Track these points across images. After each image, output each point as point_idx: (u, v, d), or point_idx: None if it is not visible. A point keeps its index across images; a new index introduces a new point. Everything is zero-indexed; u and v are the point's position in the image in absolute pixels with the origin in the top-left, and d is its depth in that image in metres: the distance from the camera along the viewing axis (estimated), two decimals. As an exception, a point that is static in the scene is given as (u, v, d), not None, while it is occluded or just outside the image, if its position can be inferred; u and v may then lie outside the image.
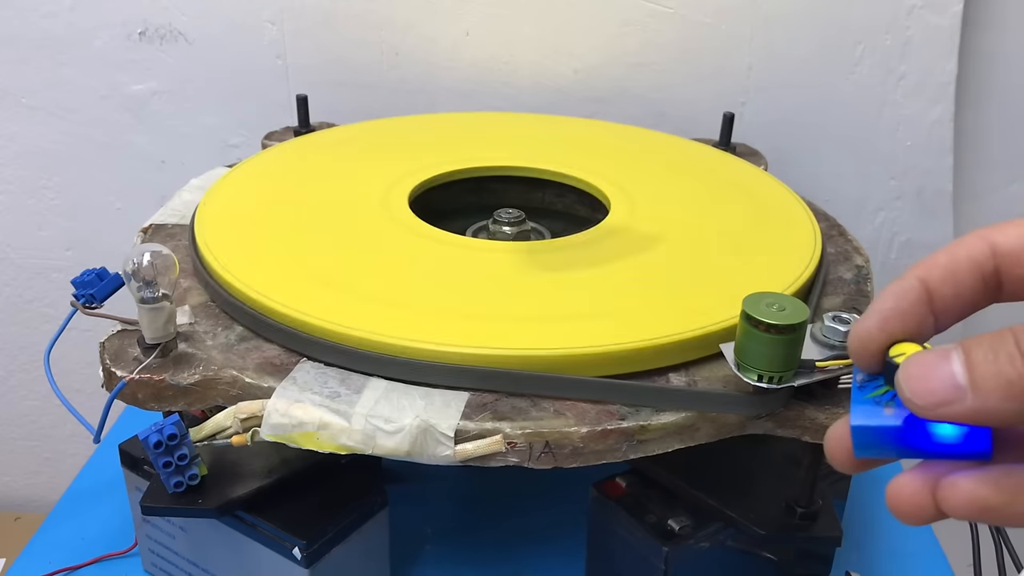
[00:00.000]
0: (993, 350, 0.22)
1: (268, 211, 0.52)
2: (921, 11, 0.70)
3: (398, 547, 0.48)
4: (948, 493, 0.23)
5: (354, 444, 0.37)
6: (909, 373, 0.23)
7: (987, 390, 0.22)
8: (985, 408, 0.22)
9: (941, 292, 0.25)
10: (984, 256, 0.25)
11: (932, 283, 0.25)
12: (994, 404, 0.22)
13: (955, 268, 0.25)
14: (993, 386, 0.21)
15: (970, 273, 0.25)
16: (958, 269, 0.25)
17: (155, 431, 0.38)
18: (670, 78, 0.74)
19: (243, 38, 0.75)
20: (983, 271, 0.25)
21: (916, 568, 0.52)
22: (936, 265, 0.26)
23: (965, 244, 0.26)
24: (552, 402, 0.38)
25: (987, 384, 0.22)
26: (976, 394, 0.22)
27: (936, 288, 0.25)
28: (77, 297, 0.42)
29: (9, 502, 1.01)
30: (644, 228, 0.51)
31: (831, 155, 0.76)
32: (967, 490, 0.23)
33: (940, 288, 0.25)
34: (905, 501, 0.24)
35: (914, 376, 0.23)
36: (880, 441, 0.24)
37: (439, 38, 0.74)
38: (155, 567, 0.48)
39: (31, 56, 0.77)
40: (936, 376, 0.22)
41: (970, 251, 0.25)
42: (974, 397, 0.22)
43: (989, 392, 0.22)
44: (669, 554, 0.41)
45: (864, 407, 0.25)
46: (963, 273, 0.25)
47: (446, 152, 0.61)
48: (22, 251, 0.86)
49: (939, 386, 0.22)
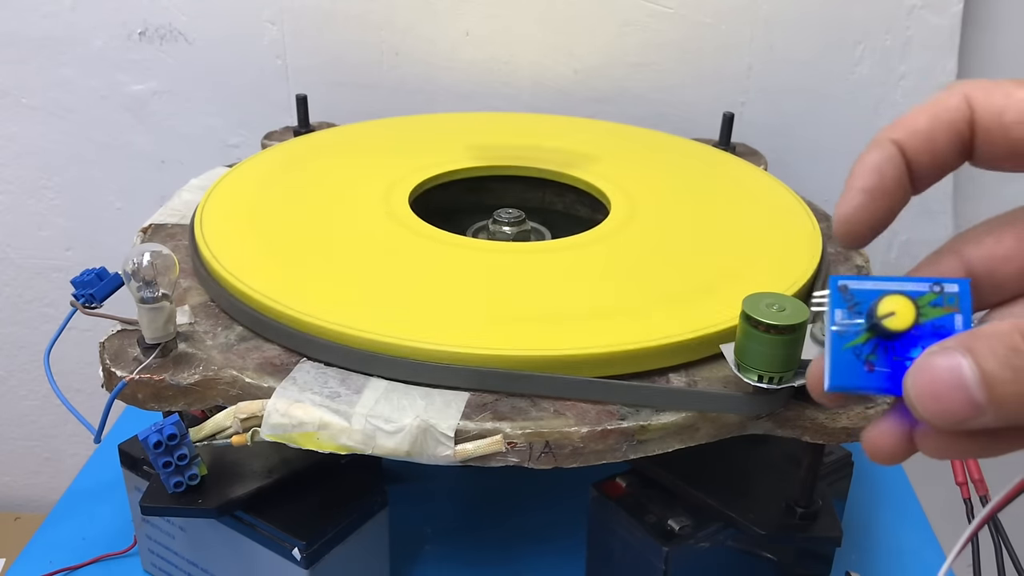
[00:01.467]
0: (1012, 366, 0.20)
1: (268, 211, 0.52)
2: (921, 11, 0.70)
3: (398, 547, 0.48)
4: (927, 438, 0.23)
5: (354, 444, 0.37)
6: (921, 391, 0.21)
7: (1008, 410, 0.20)
8: (1004, 422, 0.21)
9: (919, 159, 0.24)
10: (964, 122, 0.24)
11: (911, 150, 0.24)
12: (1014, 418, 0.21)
13: (935, 135, 0.24)
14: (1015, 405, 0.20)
15: (949, 140, 0.24)
16: (938, 136, 0.24)
17: (155, 431, 0.38)
18: (670, 78, 0.74)
19: (243, 38, 0.75)
20: (962, 137, 0.24)
21: (916, 568, 0.52)
22: (915, 131, 0.24)
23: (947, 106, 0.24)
24: (552, 402, 0.38)
25: (1008, 404, 0.20)
26: (997, 412, 0.21)
27: (914, 156, 0.24)
28: (77, 297, 0.42)
29: (9, 502, 1.01)
30: (644, 228, 0.51)
31: (831, 155, 0.76)
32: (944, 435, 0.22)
33: (918, 155, 0.24)
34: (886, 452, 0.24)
35: (927, 396, 0.21)
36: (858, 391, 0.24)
37: (439, 38, 0.74)
38: (155, 567, 0.48)
39: (31, 56, 0.77)
40: (952, 395, 0.21)
41: (952, 116, 0.24)
42: (994, 415, 0.21)
43: (1010, 411, 0.21)
44: (669, 554, 0.41)
45: (842, 361, 0.23)
46: (942, 140, 0.24)
47: (446, 152, 0.61)
48: (22, 251, 0.86)
49: (957, 408, 0.21)
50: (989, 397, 0.20)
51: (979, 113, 0.23)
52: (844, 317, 0.24)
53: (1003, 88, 0.23)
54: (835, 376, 0.23)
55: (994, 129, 0.23)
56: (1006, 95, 0.23)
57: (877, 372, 0.23)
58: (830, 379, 0.24)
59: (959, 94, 0.24)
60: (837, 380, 0.23)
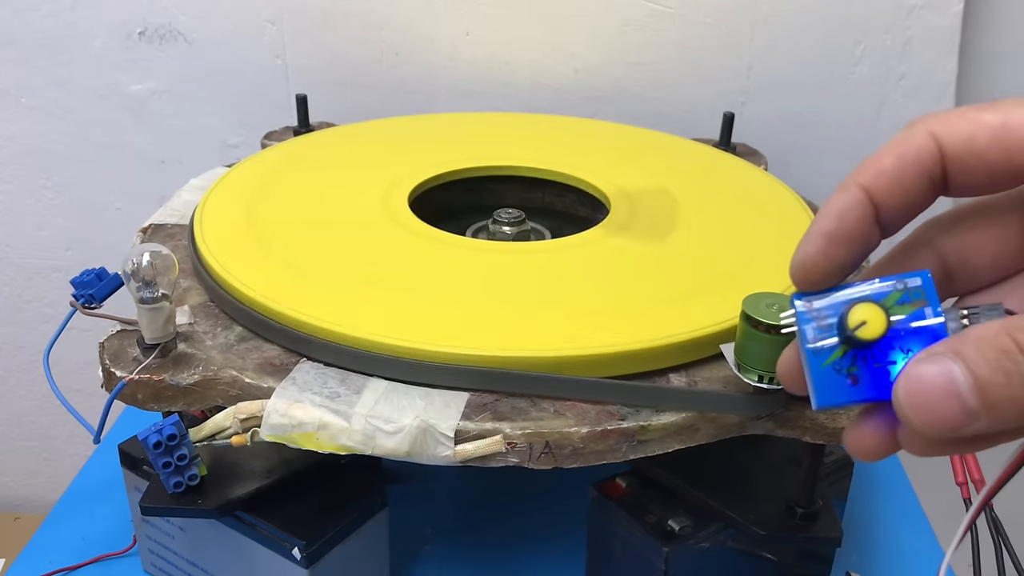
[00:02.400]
0: (1004, 371, 0.20)
1: (268, 211, 0.52)
2: (921, 11, 0.70)
3: (398, 547, 0.48)
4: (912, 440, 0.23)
5: (354, 444, 0.37)
6: (914, 402, 0.21)
7: (1001, 415, 0.20)
8: (997, 428, 0.21)
9: (888, 203, 0.24)
10: (932, 158, 0.23)
11: (878, 194, 0.23)
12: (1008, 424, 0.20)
13: (902, 175, 0.23)
14: (1008, 410, 0.20)
15: (917, 179, 0.23)
16: (905, 176, 0.23)
17: (154, 431, 0.38)
18: (670, 78, 0.74)
19: (243, 38, 0.75)
20: (931, 175, 0.23)
21: (916, 568, 0.52)
22: (881, 172, 0.23)
23: (912, 145, 0.23)
24: (552, 402, 0.38)
25: (1002, 410, 0.20)
26: (990, 418, 0.20)
27: (883, 199, 0.23)
28: (76, 297, 0.42)
29: (9, 502, 1.01)
30: (644, 228, 0.51)
31: (831, 155, 0.76)
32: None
33: (887, 199, 0.23)
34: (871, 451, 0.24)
35: (919, 405, 0.21)
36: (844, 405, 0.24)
37: (439, 38, 0.74)
38: (154, 567, 0.48)
39: (31, 56, 0.77)
40: (943, 403, 0.21)
41: (918, 154, 0.23)
42: (988, 420, 0.20)
43: (1003, 417, 0.20)
44: (669, 554, 0.41)
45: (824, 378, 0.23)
46: (910, 179, 0.23)
47: (446, 152, 0.61)
48: (22, 251, 0.86)
49: (950, 416, 0.21)
50: (983, 403, 0.20)
51: (948, 145, 0.23)
52: (816, 334, 0.24)
53: (965, 116, 0.23)
54: (821, 396, 0.23)
55: (967, 157, 0.23)
56: (971, 121, 0.23)
57: (861, 384, 0.23)
58: (816, 399, 0.23)
59: (922, 131, 0.23)
60: (823, 400, 0.23)
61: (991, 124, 0.23)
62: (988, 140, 0.23)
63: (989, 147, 0.23)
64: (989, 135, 0.23)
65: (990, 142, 0.23)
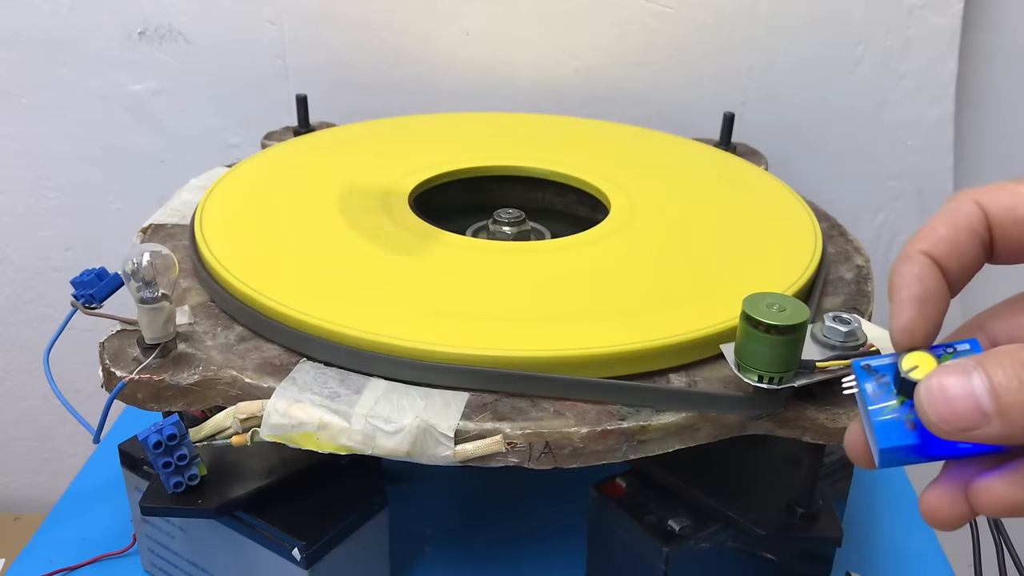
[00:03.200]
0: (1018, 377, 0.22)
1: (268, 211, 0.52)
2: (921, 11, 0.70)
3: (398, 547, 0.48)
4: (983, 498, 0.24)
5: (354, 444, 0.37)
6: (933, 397, 0.23)
7: (1012, 419, 0.21)
8: (1010, 434, 0.22)
9: (949, 266, 0.26)
10: (981, 224, 0.25)
11: (940, 258, 0.25)
12: (1019, 431, 0.22)
13: (957, 240, 0.25)
14: (1019, 415, 0.21)
15: (971, 242, 0.25)
16: (960, 240, 0.25)
17: (155, 431, 0.38)
18: (670, 78, 0.74)
19: (243, 38, 0.75)
20: (982, 238, 0.25)
21: (916, 568, 0.52)
22: (939, 239, 0.26)
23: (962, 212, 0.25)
24: (552, 402, 0.38)
25: (1013, 413, 0.21)
26: (1002, 422, 0.22)
27: (944, 262, 0.26)
28: (77, 297, 0.42)
29: (9, 502, 1.01)
30: (644, 228, 0.51)
31: (831, 155, 0.76)
32: (1000, 494, 0.23)
33: (947, 262, 0.26)
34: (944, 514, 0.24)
35: (938, 401, 0.22)
36: (905, 456, 0.25)
37: (439, 38, 0.74)
38: (154, 567, 0.48)
39: (31, 56, 0.77)
40: (960, 402, 0.22)
41: (968, 220, 0.25)
42: (999, 424, 0.22)
43: (1014, 421, 0.21)
44: (669, 554, 0.41)
45: (885, 425, 0.25)
46: (965, 244, 0.25)
47: (446, 152, 0.60)
48: (22, 251, 0.86)
49: (964, 412, 0.22)
50: (996, 406, 0.22)
51: (993, 213, 0.25)
52: (875, 389, 0.26)
53: (1005, 188, 0.25)
54: (883, 440, 0.25)
55: (1009, 225, 0.25)
56: (1011, 193, 0.25)
57: (920, 429, 0.24)
58: (879, 443, 0.25)
59: (968, 200, 0.26)
60: (885, 442, 0.25)
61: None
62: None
63: None
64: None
65: None
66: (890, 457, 0.25)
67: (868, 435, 0.26)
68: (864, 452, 0.26)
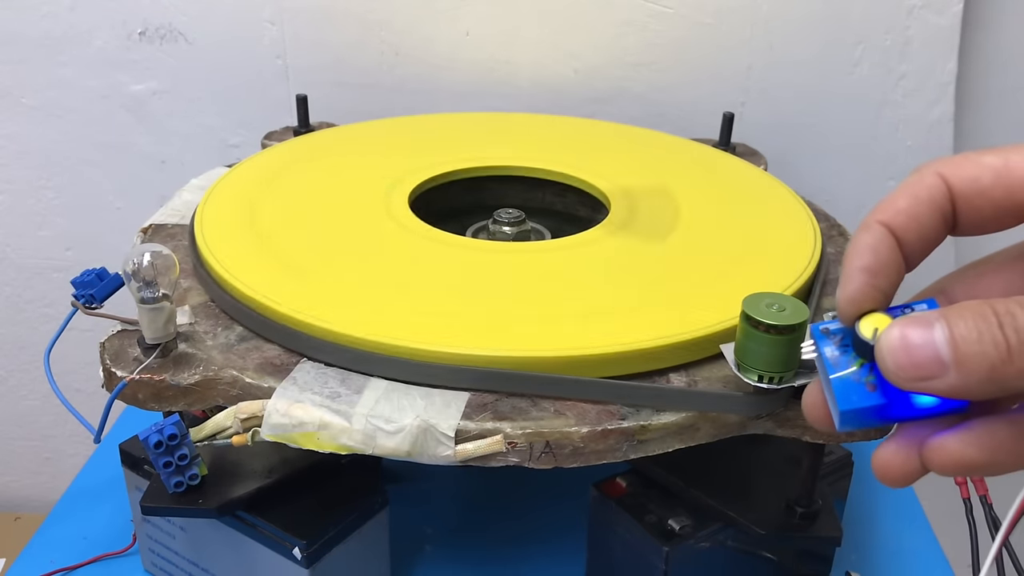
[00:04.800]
0: (978, 329, 0.22)
1: (268, 211, 0.52)
2: (921, 11, 0.70)
3: (398, 547, 0.48)
4: (936, 455, 0.24)
5: (354, 444, 0.37)
6: (892, 345, 0.23)
7: (969, 369, 0.22)
8: (966, 386, 0.22)
9: (907, 237, 0.26)
10: (943, 196, 0.25)
11: (898, 229, 0.25)
12: (975, 383, 0.22)
13: (917, 212, 0.25)
14: (976, 366, 0.22)
15: (931, 215, 0.25)
16: (920, 212, 0.25)
17: (155, 431, 0.38)
18: (670, 78, 0.74)
19: (243, 38, 0.75)
20: (943, 211, 0.25)
21: (916, 568, 0.52)
22: (899, 211, 0.26)
23: (924, 184, 0.25)
24: (552, 402, 0.38)
25: (970, 364, 0.22)
26: (959, 372, 0.22)
27: (902, 235, 0.26)
28: (77, 297, 0.42)
29: (9, 502, 1.01)
30: (644, 228, 0.51)
31: (831, 155, 0.76)
32: (954, 452, 0.23)
33: (905, 234, 0.26)
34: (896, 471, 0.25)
35: (897, 349, 0.23)
36: (865, 417, 0.25)
37: (439, 38, 0.74)
38: (155, 567, 0.48)
39: (31, 56, 0.77)
40: (919, 350, 0.22)
41: (930, 192, 0.25)
42: (956, 374, 0.22)
43: (971, 372, 0.22)
44: (669, 554, 0.41)
45: (845, 387, 0.25)
46: (925, 216, 0.25)
47: (446, 152, 0.61)
48: (22, 251, 0.86)
49: (922, 360, 0.22)
50: (955, 356, 0.22)
51: (956, 185, 0.25)
52: (833, 351, 0.26)
53: (969, 159, 0.25)
54: (843, 402, 0.25)
55: (974, 196, 0.25)
56: (974, 163, 0.25)
57: (880, 390, 0.24)
58: (840, 405, 0.25)
59: (931, 172, 0.26)
60: (845, 404, 0.25)
61: (993, 165, 0.25)
62: (991, 179, 0.25)
63: (993, 186, 0.25)
64: (992, 175, 0.25)
65: (993, 181, 0.25)
66: (850, 419, 0.25)
67: (828, 398, 0.26)
68: (822, 413, 0.26)
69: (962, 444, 0.23)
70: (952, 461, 0.23)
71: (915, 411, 0.24)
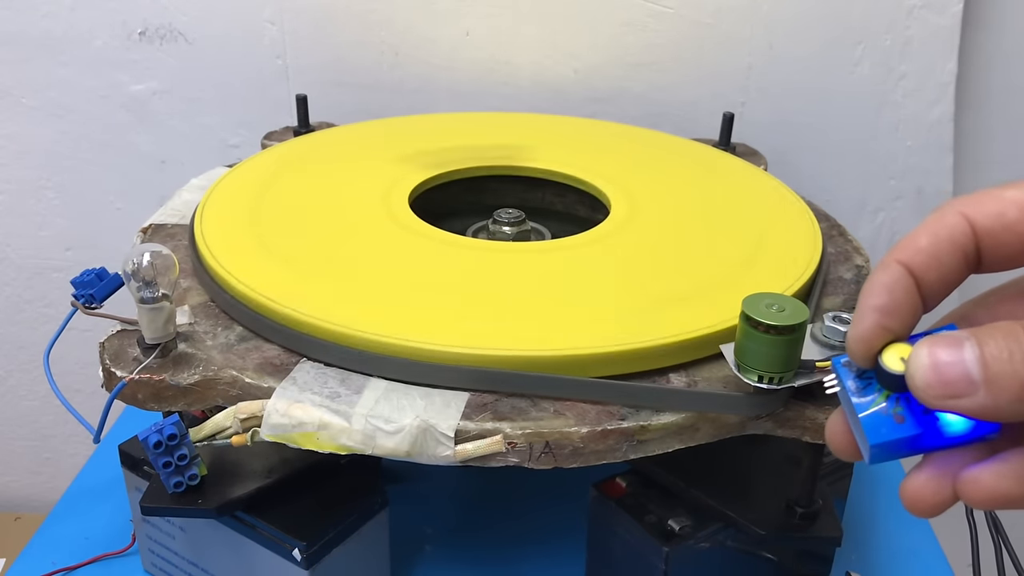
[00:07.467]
0: (1008, 348, 0.21)
1: (268, 211, 0.52)
2: (921, 11, 0.70)
3: (398, 547, 0.48)
4: (970, 488, 0.23)
5: (354, 444, 0.37)
6: (922, 363, 0.23)
7: (1000, 388, 0.21)
8: (996, 405, 0.22)
9: (926, 277, 0.25)
10: (965, 236, 0.25)
11: (917, 269, 0.25)
12: (1005, 403, 0.22)
13: (938, 251, 0.25)
14: (1006, 385, 0.21)
15: (952, 254, 0.25)
16: (940, 252, 0.25)
17: (155, 431, 0.38)
18: (670, 78, 0.74)
19: (243, 38, 0.75)
20: (964, 251, 0.25)
21: (916, 568, 0.52)
22: (919, 250, 0.25)
23: (945, 224, 0.25)
24: (552, 402, 0.38)
25: (1000, 383, 0.21)
26: (989, 391, 0.22)
27: (921, 274, 0.25)
28: (77, 297, 0.42)
29: (9, 502, 1.01)
30: (644, 228, 0.51)
31: (831, 155, 0.76)
32: (989, 485, 0.23)
33: (925, 274, 0.25)
34: (928, 502, 0.24)
35: (926, 367, 0.22)
36: (895, 449, 0.24)
37: (439, 38, 0.74)
38: (155, 567, 0.48)
39: (31, 56, 0.77)
40: (949, 368, 0.22)
41: (951, 232, 0.25)
42: (986, 393, 0.22)
43: (1001, 391, 0.21)
44: (669, 554, 0.41)
45: (873, 421, 0.24)
46: (946, 255, 0.25)
47: (446, 152, 0.60)
48: (22, 251, 0.86)
49: (952, 379, 0.22)
50: (984, 375, 0.22)
51: (979, 222, 0.25)
52: (857, 384, 0.25)
53: (991, 195, 0.25)
54: (872, 435, 0.24)
55: (999, 231, 0.25)
56: (997, 199, 0.25)
57: (908, 422, 0.24)
58: (869, 439, 0.24)
59: (952, 211, 0.25)
60: (875, 439, 0.24)
61: (1017, 199, 0.25)
62: (1017, 214, 0.25)
63: (1018, 220, 0.25)
64: (1017, 209, 0.25)
65: (1019, 216, 0.25)
66: (880, 452, 0.24)
67: (855, 431, 0.25)
68: (847, 444, 0.26)
69: (996, 477, 0.23)
70: (987, 494, 0.23)
71: (945, 440, 0.24)
